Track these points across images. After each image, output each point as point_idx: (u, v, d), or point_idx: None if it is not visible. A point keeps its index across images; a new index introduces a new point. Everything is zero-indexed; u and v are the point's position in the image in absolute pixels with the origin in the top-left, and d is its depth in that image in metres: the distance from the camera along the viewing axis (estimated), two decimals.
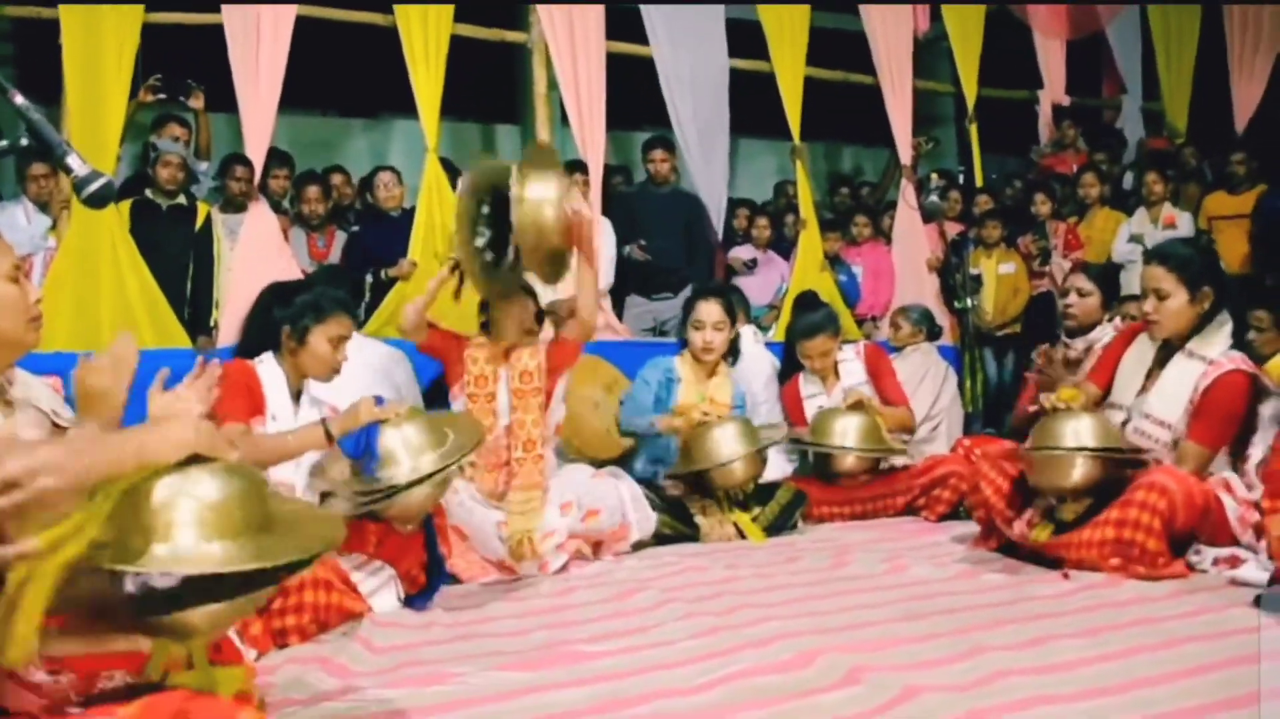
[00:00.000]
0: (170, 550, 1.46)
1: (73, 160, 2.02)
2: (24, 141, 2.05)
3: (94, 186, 2.03)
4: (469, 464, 3.44)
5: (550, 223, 3.42)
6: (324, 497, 2.88)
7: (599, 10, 6.34)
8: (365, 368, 4.13)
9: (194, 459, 1.54)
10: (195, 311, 5.30)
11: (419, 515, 2.99)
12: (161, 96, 5.65)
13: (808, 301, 4.92)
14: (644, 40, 6.67)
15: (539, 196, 3.40)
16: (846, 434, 4.29)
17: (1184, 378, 3.19)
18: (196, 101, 5.80)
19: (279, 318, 3.03)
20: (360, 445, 2.78)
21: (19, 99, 1.99)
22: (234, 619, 1.74)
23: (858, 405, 4.33)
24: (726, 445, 3.93)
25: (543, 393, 3.68)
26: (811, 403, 4.61)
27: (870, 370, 4.67)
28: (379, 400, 2.87)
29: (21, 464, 1.30)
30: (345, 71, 7.52)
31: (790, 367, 4.78)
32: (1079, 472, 3.11)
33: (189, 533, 1.48)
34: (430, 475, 2.81)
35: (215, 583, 1.50)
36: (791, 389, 4.72)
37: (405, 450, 2.81)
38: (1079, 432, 3.14)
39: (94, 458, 1.44)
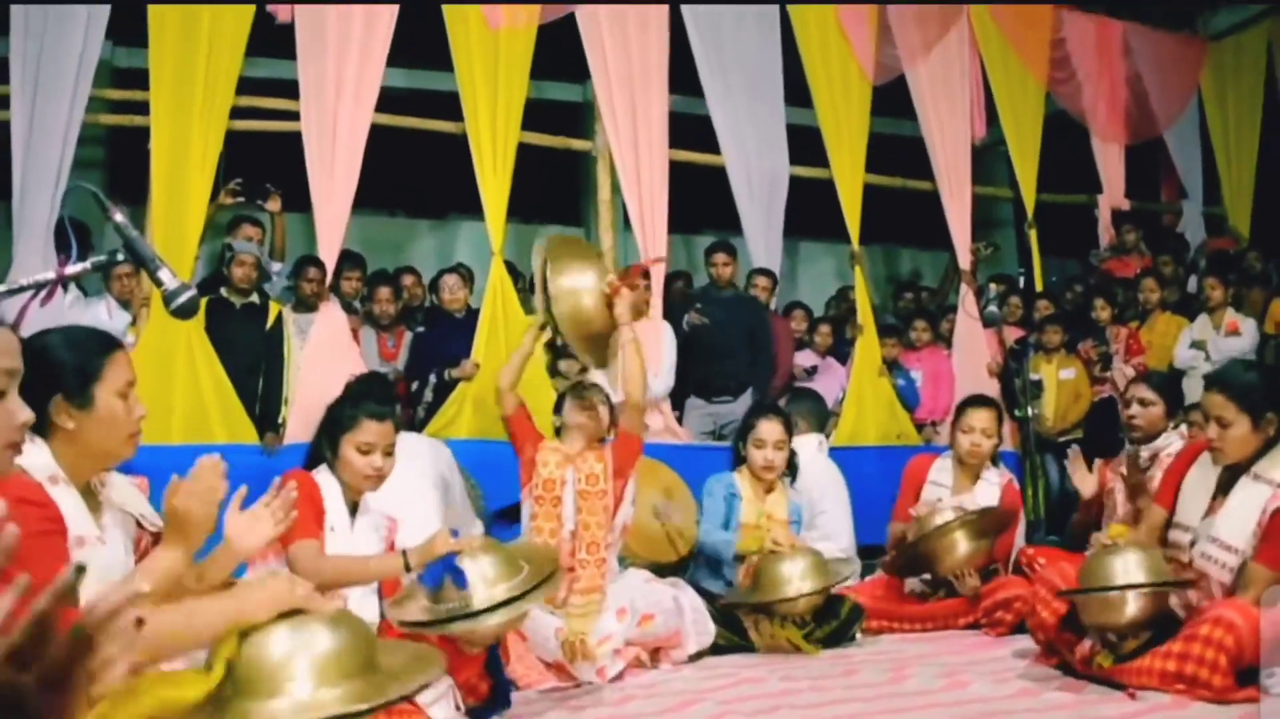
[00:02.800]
0: (288, 704, 1.55)
1: (164, 274, 2.15)
2: (120, 256, 2.18)
3: (182, 299, 2.15)
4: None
5: (588, 310, 3.53)
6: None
7: (662, 118, 6.52)
8: (408, 465, 4.15)
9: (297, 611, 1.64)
10: (265, 409, 5.42)
11: (488, 642, 3.00)
12: (240, 200, 5.88)
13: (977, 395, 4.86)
14: (705, 148, 6.83)
15: (573, 286, 3.55)
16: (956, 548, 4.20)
17: (1251, 502, 3.13)
18: (274, 205, 6.02)
19: (322, 434, 3.13)
20: (438, 576, 2.80)
21: (118, 216, 2.12)
22: None
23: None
24: (794, 582, 3.88)
25: (608, 495, 3.73)
26: (932, 488, 4.49)
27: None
28: (454, 533, 2.91)
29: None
30: (414, 174, 7.77)
31: None
32: (1131, 608, 3.07)
33: (305, 685, 1.58)
34: (502, 605, 2.81)
35: None
36: (921, 466, 4.62)
37: (480, 581, 2.81)
38: (1128, 569, 3.10)
39: (188, 630, 1.52)
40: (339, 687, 1.57)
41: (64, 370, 1.96)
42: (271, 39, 5.87)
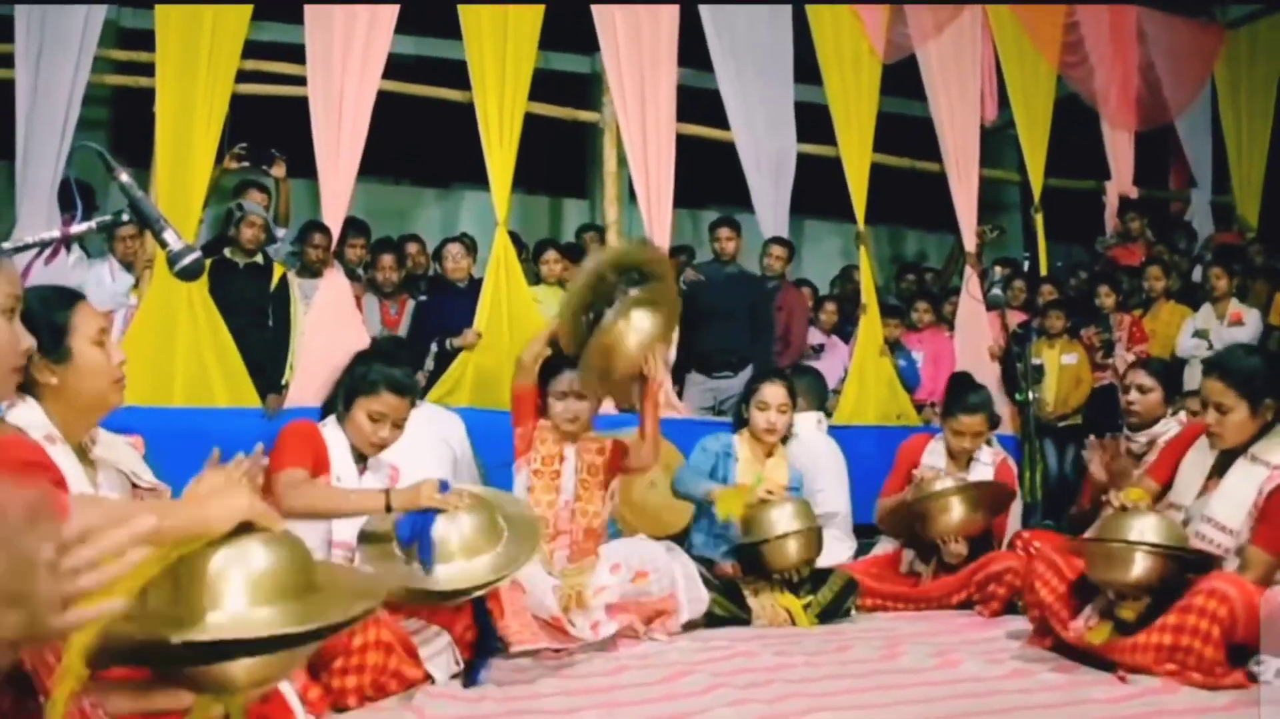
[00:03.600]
0: (221, 617, 1.54)
1: (169, 236, 2.13)
2: (125, 216, 2.17)
3: (186, 261, 2.14)
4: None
5: (626, 353, 3.48)
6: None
7: (670, 93, 6.49)
8: (420, 434, 4.14)
9: (244, 527, 1.63)
10: (270, 370, 5.42)
11: (465, 604, 3.01)
12: (245, 164, 5.86)
13: (966, 382, 4.78)
14: (712, 123, 6.81)
15: (632, 326, 3.47)
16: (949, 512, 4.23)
17: (1247, 483, 3.13)
18: (278, 170, 6.00)
19: (340, 384, 3.11)
20: (415, 530, 2.81)
21: (124, 177, 2.11)
22: (276, 675, 1.75)
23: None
24: (783, 523, 3.94)
25: (605, 487, 3.78)
26: (926, 471, 4.49)
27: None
28: (444, 485, 2.89)
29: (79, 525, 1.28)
30: (420, 142, 7.75)
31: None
32: (1139, 567, 3.05)
33: (239, 600, 1.56)
34: (480, 586, 2.83)
35: (260, 642, 1.56)
36: (915, 447, 4.64)
37: (460, 547, 2.81)
38: (1144, 530, 3.09)
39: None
40: (272, 607, 1.58)
41: (36, 328, 1.96)
42: (279, 3, 5.84)
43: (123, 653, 1.51)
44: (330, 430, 3.08)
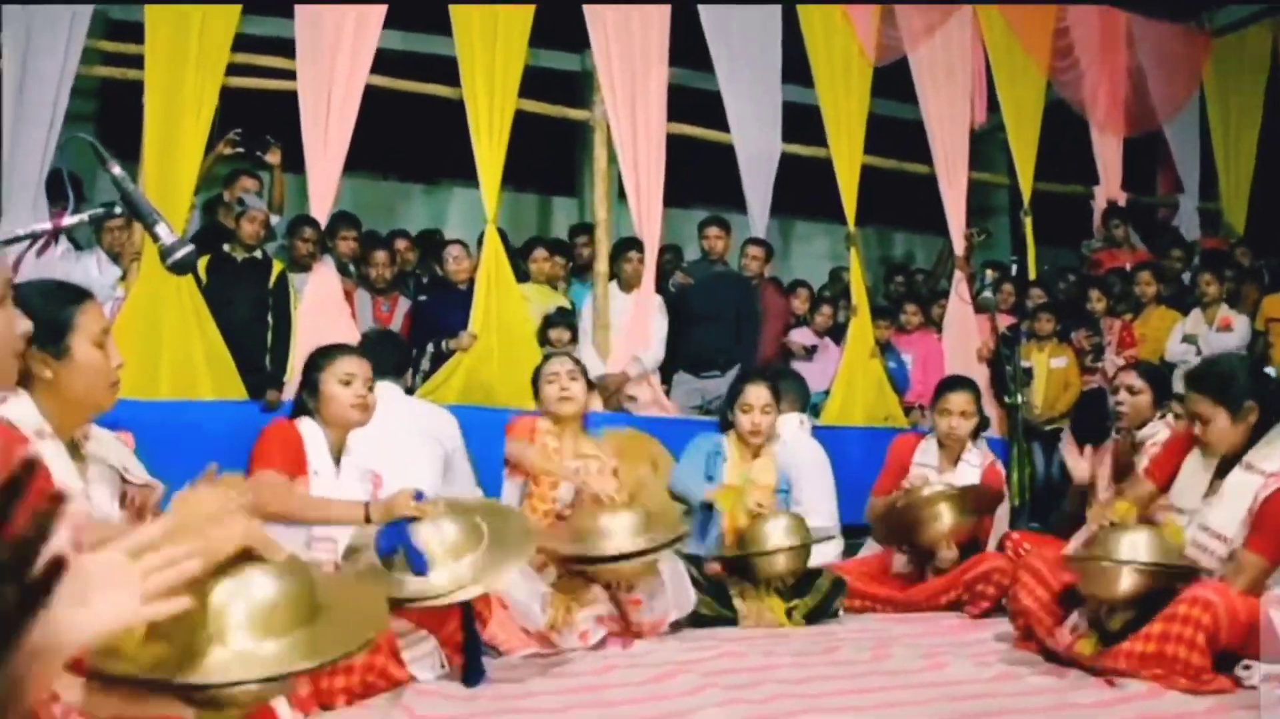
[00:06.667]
0: (225, 655, 1.54)
1: (161, 229, 2.12)
2: (117, 209, 2.15)
3: (179, 254, 2.12)
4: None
5: None
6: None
7: (661, 91, 6.48)
8: (410, 430, 4.11)
9: (245, 556, 1.61)
10: (272, 365, 5.37)
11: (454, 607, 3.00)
12: (239, 150, 5.81)
13: (955, 377, 4.85)
14: (703, 122, 6.80)
15: None
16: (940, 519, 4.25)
17: (1242, 491, 3.13)
18: (274, 157, 5.92)
19: (302, 384, 3.18)
20: (391, 542, 2.79)
21: (116, 170, 2.09)
22: (275, 695, 1.75)
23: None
24: (774, 537, 3.94)
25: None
26: (916, 469, 4.50)
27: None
28: (418, 495, 2.88)
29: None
30: (408, 138, 7.72)
31: None
32: (1126, 582, 3.07)
33: (244, 636, 1.56)
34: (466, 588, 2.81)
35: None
36: (905, 446, 4.66)
37: (442, 550, 2.79)
38: (1135, 546, 3.10)
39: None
40: (277, 641, 1.57)
41: (38, 321, 1.94)
42: None
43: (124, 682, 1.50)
44: (306, 427, 3.08)
